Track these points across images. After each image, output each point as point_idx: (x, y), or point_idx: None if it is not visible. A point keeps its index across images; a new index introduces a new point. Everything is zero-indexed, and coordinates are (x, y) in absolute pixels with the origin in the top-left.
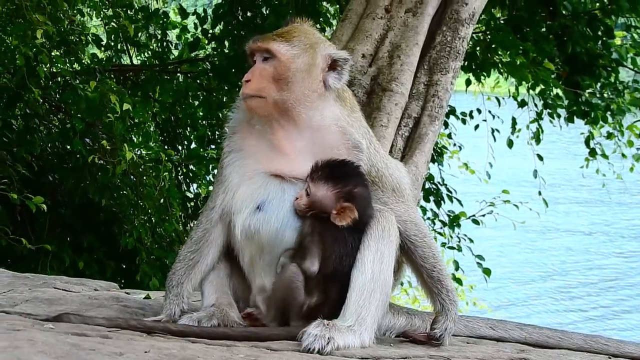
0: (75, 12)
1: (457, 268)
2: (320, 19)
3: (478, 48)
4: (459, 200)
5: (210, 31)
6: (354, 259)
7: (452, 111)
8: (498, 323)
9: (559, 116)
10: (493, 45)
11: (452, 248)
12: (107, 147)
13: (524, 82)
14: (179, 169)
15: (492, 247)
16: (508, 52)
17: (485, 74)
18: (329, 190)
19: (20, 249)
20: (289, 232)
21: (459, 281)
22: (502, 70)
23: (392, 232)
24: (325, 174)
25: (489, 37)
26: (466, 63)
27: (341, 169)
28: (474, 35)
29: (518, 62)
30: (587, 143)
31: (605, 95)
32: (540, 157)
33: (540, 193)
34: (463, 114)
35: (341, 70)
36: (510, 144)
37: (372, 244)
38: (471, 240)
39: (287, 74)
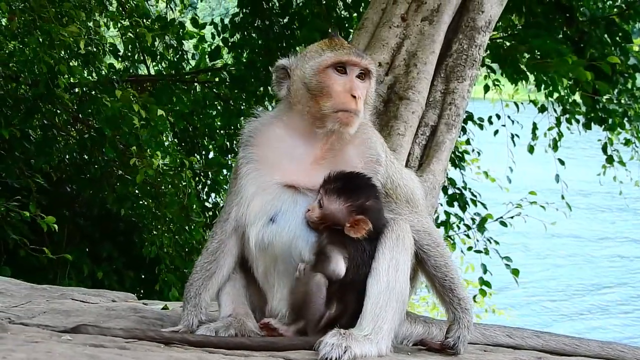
0: (92, 22)
1: (485, 271)
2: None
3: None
4: (483, 204)
5: (230, 40)
6: (369, 267)
7: (469, 117)
8: (515, 331)
9: (577, 122)
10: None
11: (478, 252)
12: (131, 156)
13: (543, 88)
14: (197, 178)
15: (519, 252)
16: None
17: (523, 78)
18: (342, 204)
19: (41, 259)
20: (302, 244)
21: (487, 284)
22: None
23: (406, 240)
24: (337, 187)
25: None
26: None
27: (354, 181)
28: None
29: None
30: (604, 150)
31: (623, 101)
32: (562, 162)
33: (563, 197)
34: (480, 119)
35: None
36: (531, 149)
37: (386, 252)
38: (497, 242)
39: (372, 96)
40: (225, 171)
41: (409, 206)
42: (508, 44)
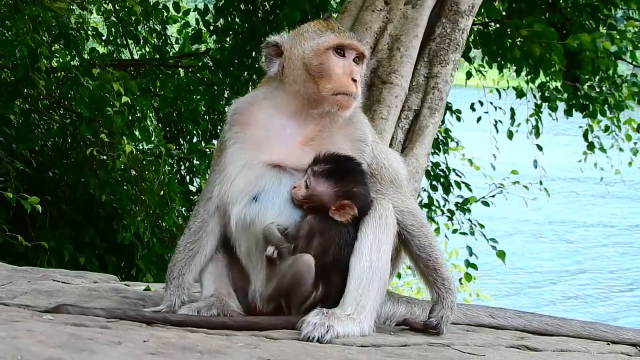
0: (75, 5)
1: (470, 254)
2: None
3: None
4: (467, 185)
5: (212, 25)
6: (352, 248)
7: (448, 107)
8: (497, 311)
9: (555, 109)
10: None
11: (464, 233)
12: (107, 140)
13: (524, 74)
14: (180, 163)
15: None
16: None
17: (509, 64)
18: (329, 187)
19: (17, 247)
20: (285, 223)
21: (473, 266)
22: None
23: (389, 220)
24: (327, 169)
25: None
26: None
27: (343, 165)
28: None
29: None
30: (585, 137)
31: (604, 88)
32: (540, 148)
33: (541, 182)
34: (458, 111)
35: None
36: (510, 135)
37: (369, 232)
38: (482, 226)
39: (363, 80)
40: (207, 161)
41: (394, 187)
42: (492, 29)
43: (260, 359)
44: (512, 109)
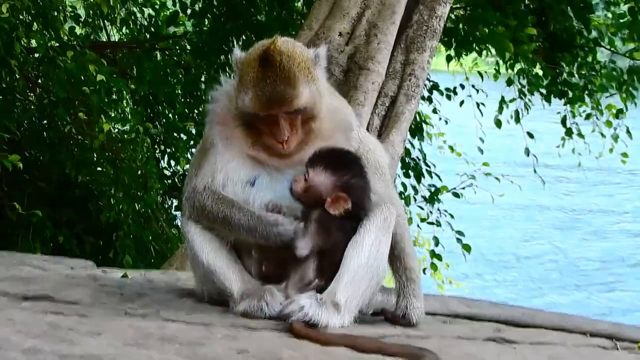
0: None
1: (437, 244)
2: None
3: (460, 25)
4: (438, 176)
5: (190, 8)
6: (346, 244)
7: (435, 86)
8: (474, 302)
9: (532, 94)
10: (469, 22)
11: (431, 224)
12: (84, 119)
13: (503, 60)
14: (156, 146)
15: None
16: (490, 27)
17: (465, 51)
18: (327, 179)
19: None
20: (284, 202)
21: (438, 257)
22: (481, 46)
23: (391, 226)
24: (324, 162)
25: (469, 12)
26: (445, 39)
27: (341, 158)
28: (454, 12)
29: (499, 31)
30: (563, 123)
31: (584, 73)
32: (531, 135)
33: (535, 171)
34: (448, 89)
35: (322, 60)
36: (498, 123)
37: (373, 230)
38: (452, 216)
39: (314, 112)
40: (183, 136)
41: (377, 173)
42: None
43: (238, 350)
44: (502, 98)
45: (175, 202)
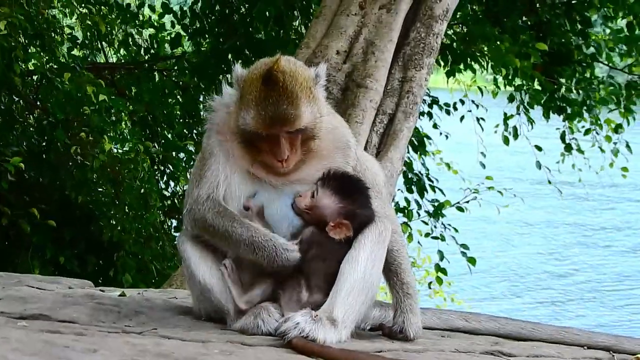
0: (45, 5)
1: (442, 258)
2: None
3: (455, 41)
4: (441, 190)
5: (190, 27)
6: (339, 258)
7: (435, 101)
8: (471, 315)
9: (532, 107)
10: (467, 38)
11: (435, 238)
12: (85, 139)
13: (501, 78)
14: (155, 167)
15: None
16: (488, 43)
17: (462, 68)
18: (334, 203)
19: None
20: (284, 222)
21: (443, 271)
22: (481, 62)
23: (386, 240)
24: (335, 186)
25: (465, 29)
26: (440, 56)
27: (351, 184)
28: (451, 28)
29: (503, 49)
30: (562, 138)
31: (581, 90)
32: (539, 148)
33: (550, 182)
34: (447, 104)
35: (322, 78)
36: (506, 140)
37: (368, 245)
38: (456, 230)
39: (314, 132)
40: (182, 155)
41: (374, 191)
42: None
43: None
44: (505, 114)
45: (175, 223)
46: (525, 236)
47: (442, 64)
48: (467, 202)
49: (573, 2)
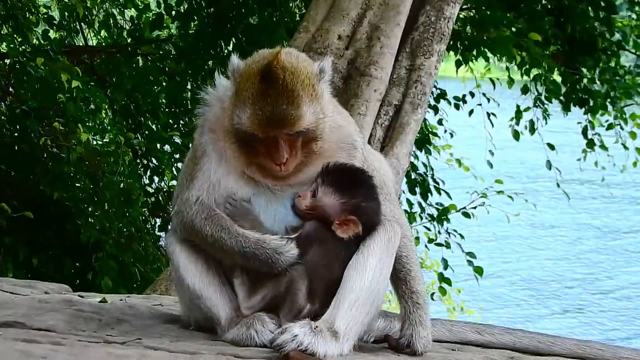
0: None
1: (446, 267)
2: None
3: (467, 26)
4: (447, 193)
5: (175, 9)
6: (342, 264)
7: (442, 95)
8: (485, 327)
9: (550, 101)
10: (479, 24)
11: (440, 245)
12: (60, 129)
13: (516, 67)
14: (138, 160)
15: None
16: (497, 30)
17: (474, 56)
18: (336, 199)
19: None
20: (279, 225)
21: (447, 281)
22: (486, 50)
23: (395, 247)
24: (334, 181)
25: (477, 15)
26: (451, 43)
27: (352, 177)
28: (462, 13)
29: (504, 35)
30: (584, 133)
31: (605, 82)
32: (552, 147)
33: (558, 185)
34: (457, 98)
35: (326, 74)
36: (516, 135)
37: (377, 251)
38: (462, 236)
39: (316, 134)
40: (168, 147)
41: (382, 193)
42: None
43: None
44: (517, 106)
45: (159, 222)
46: (543, 239)
47: (453, 51)
48: (474, 207)
49: None
